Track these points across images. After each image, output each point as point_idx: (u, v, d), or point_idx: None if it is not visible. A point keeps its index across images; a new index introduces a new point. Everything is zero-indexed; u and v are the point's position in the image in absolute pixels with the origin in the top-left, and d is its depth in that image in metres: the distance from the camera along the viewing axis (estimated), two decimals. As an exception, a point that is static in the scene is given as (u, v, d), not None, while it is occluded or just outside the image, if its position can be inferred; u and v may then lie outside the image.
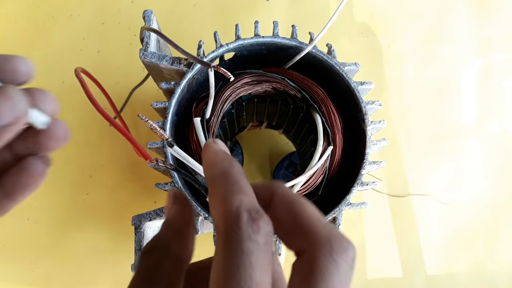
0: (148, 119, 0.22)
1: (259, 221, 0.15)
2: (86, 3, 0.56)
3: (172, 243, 0.18)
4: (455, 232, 0.54)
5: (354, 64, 0.35)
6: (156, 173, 0.42)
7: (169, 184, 0.32)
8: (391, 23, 0.58)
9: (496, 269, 0.53)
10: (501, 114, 0.57)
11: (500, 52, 0.59)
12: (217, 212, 0.16)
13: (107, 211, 0.51)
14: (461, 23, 0.59)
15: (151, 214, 0.33)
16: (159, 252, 0.18)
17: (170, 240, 0.18)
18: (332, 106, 0.34)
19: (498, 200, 0.55)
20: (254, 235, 0.15)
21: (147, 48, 0.33)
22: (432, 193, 0.54)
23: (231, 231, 0.15)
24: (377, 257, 0.53)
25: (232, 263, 0.14)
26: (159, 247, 0.18)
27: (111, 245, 0.51)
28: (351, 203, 0.33)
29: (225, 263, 0.14)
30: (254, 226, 0.15)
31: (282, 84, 0.35)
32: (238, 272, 0.14)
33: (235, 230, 0.15)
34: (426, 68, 0.58)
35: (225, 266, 0.14)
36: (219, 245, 0.15)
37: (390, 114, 0.56)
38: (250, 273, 0.14)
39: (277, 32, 0.35)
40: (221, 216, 0.16)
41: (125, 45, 0.55)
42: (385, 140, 0.34)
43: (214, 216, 0.17)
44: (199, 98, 0.35)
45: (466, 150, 0.56)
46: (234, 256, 0.14)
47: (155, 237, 0.19)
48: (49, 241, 0.50)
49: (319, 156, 0.33)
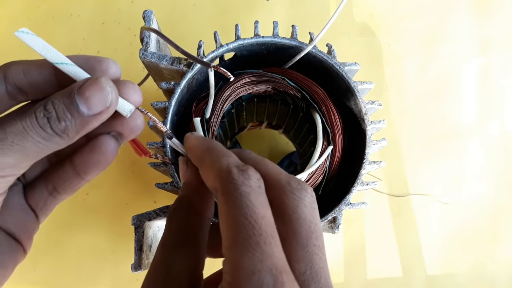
0: (148, 112, 0.22)
1: (248, 170, 0.18)
2: (86, 3, 0.56)
3: (194, 201, 0.20)
4: (455, 232, 0.54)
5: (354, 64, 0.35)
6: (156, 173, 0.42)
7: (169, 184, 0.32)
8: (391, 23, 0.58)
9: (496, 269, 0.53)
10: (501, 114, 0.57)
11: (500, 51, 0.59)
12: (211, 178, 0.19)
13: (107, 211, 0.51)
14: (461, 23, 0.59)
15: (151, 214, 0.33)
16: (184, 210, 0.20)
17: (192, 199, 0.21)
18: (332, 106, 0.34)
19: (498, 200, 0.55)
20: (247, 181, 0.17)
21: (147, 48, 0.33)
22: (432, 193, 0.54)
23: (226, 183, 0.17)
24: (377, 257, 0.53)
25: (235, 206, 0.17)
26: (183, 206, 0.20)
27: (111, 245, 0.51)
28: (351, 203, 0.33)
29: (230, 209, 0.17)
30: (245, 174, 0.18)
31: (282, 84, 0.35)
32: (243, 210, 0.16)
33: (230, 181, 0.17)
34: (426, 68, 0.58)
35: (230, 211, 0.17)
36: (221, 201, 0.17)
37: (390, 114, 0.56)
38: (253, 209, 0.17)
39: (277, 32, 0.35)
40: (215, 177, 0.18)
41: (125, 45, 0.55)
42: (385, 140, 0.34)
43: (210, 184, 0.19)
44: (199, 98, 0.35)
45: (466, 150, 0.56)
46: (235, 200, 0.17)
47: (177, 199, 0.21)
48: (49, 241, 0.50)
49: (318, 155, 0.33)
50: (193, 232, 0.20)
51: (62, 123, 0.19)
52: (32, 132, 0.19)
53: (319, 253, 0.18)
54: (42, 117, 0.19)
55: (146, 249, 0.33)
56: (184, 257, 0.19)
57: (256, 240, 0.16)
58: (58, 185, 0.23)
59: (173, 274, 0.18)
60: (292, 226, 0.18)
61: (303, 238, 0.18)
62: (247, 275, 0.15)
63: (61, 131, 0.19)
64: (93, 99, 0.19)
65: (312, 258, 0.18)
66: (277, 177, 0.19)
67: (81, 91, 0.19)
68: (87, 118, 0.19)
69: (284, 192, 0.19)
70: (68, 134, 0.19)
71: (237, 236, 0.16)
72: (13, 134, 0.18)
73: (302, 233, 0.18)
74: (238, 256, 0.16)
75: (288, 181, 0.19)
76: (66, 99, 0.19)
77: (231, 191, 0.17)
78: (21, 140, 0.18)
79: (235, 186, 0.17)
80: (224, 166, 0.18)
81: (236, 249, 0.16)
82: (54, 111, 0.19)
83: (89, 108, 0.19)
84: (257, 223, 0.16)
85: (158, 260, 0.19)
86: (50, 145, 0.19)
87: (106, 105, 0.20)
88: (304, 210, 0.18)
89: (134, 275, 0.49)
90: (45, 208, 0.24)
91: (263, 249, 0.16)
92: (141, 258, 0.32)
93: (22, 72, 0.21)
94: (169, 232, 0.20)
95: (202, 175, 0.20)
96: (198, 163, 0.21)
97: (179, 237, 0.19)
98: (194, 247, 0.19)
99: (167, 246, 0.19)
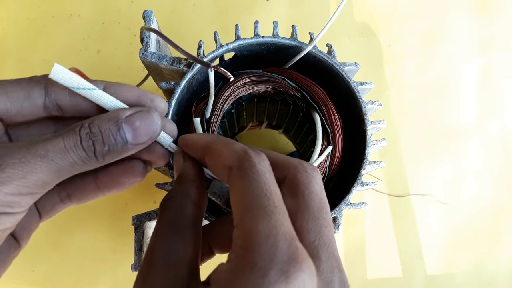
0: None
1: (261, 154, 0.19)
2: (86, 3, 0.56)
3: (191, 192, 0.21)
4: (455, 232, 0.54)
5: (354, 64, 0.35)
6: (156, 173, 0.42)
7: (169, 184, 0.32)
8: (391, 23, 0.58)
9: (496, 269, 0.53)
10: (501, 114, 0.57)
11: (500, 51, 0.59)
12: (223, 159, 0.19)
13: (107, 211, 0.51)
14: (461, 23, 0.59)
15: (151, 214, 0.33)
16: (180, 198, 0.21)
17: (189, 188, 0.21)
18: (332, 106, 0.34)
19: (498, 200, 0.55)
20: (263, 161, 0.19)
21: (147, 48, 0.33)
22: (432, 193, 0.54)
23: (244, 161, 0.18)
24: (377, 257, 0.53)
25: (253, 180, 0.18)
26: (180, 195, 0.21)
27: (111, 245, 0.51)
28: (351, 203, 0.33)
29: (246, 183, 0.18)
30: (260, 156, 0.19)
31: (282, 84, 0.35)
32: (260, 184, 0.17)
33: (247, 159, 0.18)
34: (426, 68, 0.58)
35: (246, 185, 0.18)
36: (237, 176, 0.18)
37: (390, 114, 0.56)
38: (269, 184, 0.18)
39: (277, 32, 0.35)
40: (230, 157, 0.19)
41: (125, 45, 0.55)
42: (385, 140, 0.34)
43: (222, 164, 0.20)
44: (199, 98, 0.35)
45: (466, 150, 0.56)
46: (251, 175, 0.18)
47: (172, 189, 0.22)
48: (49, 241, 0.50)
49: (317, 154, 0.33)
50: (190, 221, 0.20)
51: (106, 147, 0.19)
52: (74, 152, 0.19)
53: (328, 226, 0.19)
54: (87, 139, 0.19)
55: (146, 249, 0.33)
56: (183, 244, 0.19)
57: (271, 210, 0.17)
58: (73, 194, 0.24)
59: (172, 261, 0.18)
60: (304, 200, 0.19)
61: (314, 211, 0.19)
62: (263, 238, 0.16)
63: (102, 155, 0.20)
64: (141, 130, 0.20)
65: (321, 229, 0.18)
66: (287, 160, 0.20)
67: (132, 120, 0.20)
68: (129, 147, 0.20)
69: (298, 170, 0.20)
70: (105, 158, 0.20)
71: (252, 204, 0.17)
72: (54, 152, 0.18)
73: (314, 207, 0.19)
74: (253, 221, 0.16)
75: (299, 161, 0.20)
76: (112, 125, 0.20)
77: (248, 168, 0.18)
78: (60, 159, 0.19)
79: (253, 163, 0.18)
80: (239, 148, 0.19)
81: (251, 215, 0.16)
82: (100, 135, 0.19)
83: (134, 138, 0.20)
84: (272, 196, 0.17)
85: (155, 247, 0.19)
86: (84, 166, 0.20)
87: (151, 137, 0.21)
88: (315, 187, 0.19)
89: (134, 275, 0.49)
90: (52, 212, 0.24)
91: (277, 218, 0.16)
92: (141, 258, 0.32)
93: (68, 93, 0.21)
94: (164, 220, 0.20)
95: (211, 158, 0.21)
96: (204, 151, 0.21)
97: (177, 226, 0.20)
98: (191, 236, 0.20)
99: (165, 233, 0.19)
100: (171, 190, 0.22)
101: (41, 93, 0.21)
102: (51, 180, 0.19)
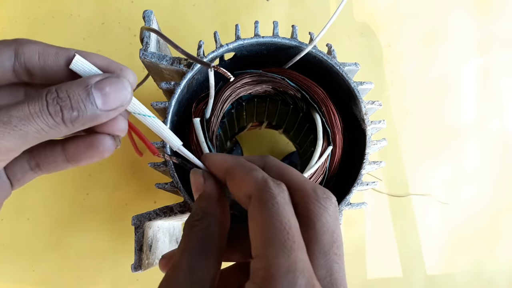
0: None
1: (281, 184, 0.20)
2: (86, 3, 0.56)
3: (216, 212, 0.22)
4: (455, 232, 0.54)
5: (354, 64, 0.35)
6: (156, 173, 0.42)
7: (169, 184, 0.32)
8: (391, 23, 0.58)
9: (496, 269, 0.53)
10: (501, 114, 0.57)
11: (500, 51, 0.59)
12: (244, 188, 0.20)
13: (107, 211, 0.51)
14: (461, 22, 0.59)
15: (151, 214, 0.33)
16: (208, 220, 0.21)
17: (214, 209, 0.22)
18: (332, 106, 0.34)
19: (498, 200, 0.55)
20: (282, 193, 0.19)
21: (147, 48, 0.33)
22: (432, 193, 0.54)
23: (264, 192, 0.19)
24: (377, 257, 0.53)
25: (272, 212, 0.18)
26: (207, 216, 0.21)
27: (111, 245, 0.51)
28: (351, 203, 0.33)
29: (266, 215, 0.18)
30: (279, 188, 0.19)
31: (282, 84, 0.35)
32: (280, 218, 0.18)
33: (267, 190, 0.19)
34: (426, 68, 0.58)
35: (266, 216, 0.18)
36: (256, 206, 0.19)
37: (390, 114, 0.56)
38: (288, 218, 0.18)
39: (277, 32, 0.35)
40: (250, 186, 0.20)
41: (125, 45, 0.55)
42: (385, 140, 0.34)
43: (243, 192, 0.20)
44: (199, 98, 0.35)
45: (466, 150, 0.56)
46: (271, 207, 0.18)
47: (198, 209, 0.22)
48: (49, 241, 0.51)
49: (318, 155, 0.33)
50: (215, 241, 0.21)
51: (75, 113, 0.19)
52: (39, 118, 0.18)
53: (339, 262, 0.19)
54: (54, 104, 0.18)
55: (146, 249, 0.33)
56: (207, 265, 0.20)
57: (290, 245, 0.17)
58: (42, 164, 0.23)
59: (196, 280, 0.19)
60: (315, 233, 0.19)
61: (325, 246, 0.19)
62: (283, 273, 0.16)
63: (70, 121, 0.19)
64: (112, 96, 0.20)
65: (332, 266, 0.19)
66: (302, 185, 0.21)
67: (101, 86, 0.19)
68: (99, 113, 0.19)
69: (310, 199, 0.20)
70: (74, 124, 0.19)
71: (273, 238, 0.17)
72: (17, 118, 0.18)
73: (324, 241, 0.19)
74: (274, 255, 0.17)
75: (313, 188, 0.20)
76: (81, 90, 0.19)
77: (268, 199, 0.18)
78: (24, 125, 0.18)
79: (272, 195, 0.19)
80: (259, 177, 0.20)
81: (272, 249, 0.17)
82: (68, 100, 0.19)
83: (104, 104, 0.19)
84: (291, 230, 0.18)
85: (180, 265, 0.20)
86: (52, 133, 0.19)
87: (122, 104, 0.20)
88: (328, 219, 0.19)
89: (134, 275, 0.49)
90: (22, 180, 0.23)
91: (296, 254, 0.17)
92: (141, 258, 0.32)
93: (37, 55, 0.21)
94: (192, 239, 0.21)
95: (233, 184, 0.21)
96: (227, 175, 0.22)
97: (203, 245, 0.20)
98: (216, 255, 0.20)
99: (192, 252, 0.20)
100: (198, 210, 0.22)
101: (10, 55, 0.20)
102: (15, 147, 0.18)
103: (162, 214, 0.33)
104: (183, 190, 0.31)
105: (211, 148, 0.31)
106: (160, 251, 0.38)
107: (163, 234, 0.40)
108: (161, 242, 0.38)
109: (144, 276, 0.50)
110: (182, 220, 0.44)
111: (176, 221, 0.45)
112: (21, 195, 0.51)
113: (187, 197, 0.31)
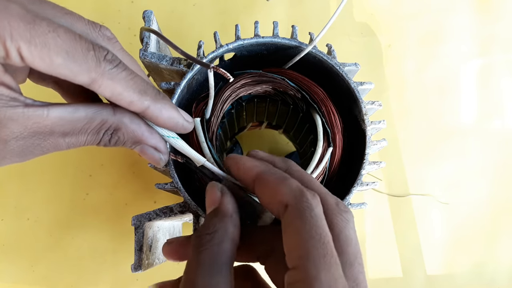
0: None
1: (316, 195, 0.20)
2: (86, 3, 0.56)
3: (230, 228, 0.22)
4: (455, 232, 0.54)
5: (354, 64, 0.35)
6: (156, 173, 0.43)
7: (169, 184, 0.32)
8: (391, 23, 0.58)
9: (496, 269, 0.53)
10: (501, 114, 0.57)
11: (500, 51, 0.59)
12: (278, 196, 0.20)
13: (107, 211, 0.51)
14: (461, 22, 0.59)
15: (151, 214, 0.33)
16: (220, 236, 0.21)
17: (228, 225, 0.22)
18: (332, 106, 0.34)
19: (498, 200, 0.55)
20: (319, 205, 0.20)
21: (147, 48, 0.33)
22: (432, 193, 0.54)
23: (302, 202, 0.19)
24: (377, 257, 0.53)
25: (312, 225, 0.18)
26: (220, 231, 0.21)
27: (111, 245, 0.51)
28: (351, 203, 0.33)
29: (305, 227, 0.18)
30: (316, 199, 0.20)
31: (282, 85, 0.35)
32: (319, 231, 0.18)
33: (305, 201, 0.19)
34: (426, 67, 0.58)
35: (306, 229, 0.18)
36: (293, 216, 0.19)
37: (390, 114, 0.56)
38: (326, 232, 0.18)
39: (277, 32, 0.35)
40: (285, 195, 0.20)
41: (125, 45, 0.55)
42: (385, 140, 0.34)
43: (273, 199, 0.20)
44: (199, 99, 0.35)
45: (466, 150, 0.56)
46: (310, 219, 0.18)
47: (211, 222, 0.22)
48: (49, 241, 0.51)
49: (319, 156, 0.33)
50: (228, 258, 0.20)
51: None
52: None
53: (362, 271, 0.20)
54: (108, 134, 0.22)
55: (146, 249, 0.33)
56: (221, 281, 0.20)
57: (329, 260, 0.18)
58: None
59: None
60: (340, 245, 0.20)
61: (350, 257, 0.20)
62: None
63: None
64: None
65: (358, 276, 0.19)
66: (325, 197, 0.21)
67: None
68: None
69: (334, 213, 0.21)
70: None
71: (313, 251, 0.18)
72: None
73: (349, 253, 0.20)
74: (315, 269, 0.17)
75: (336, 202, 0.21)
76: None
77: (306, 210, 0.19)
78: None
79: (311, 206, 0.19)
80: (294, 187, 0.20)
81: (313, 262, 0.17)
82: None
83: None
84: (330, 244, 0.18)
85: (196, 283, 0.20)
86: None
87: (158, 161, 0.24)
88: (350, 231, 0.20)
89: (134, 275, 0.49)
90: (40, 81, 0.24)
91: (335, 269, 0.18)
92: (141, 259, 0.32)
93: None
94: (204, 255, 0.20)
95: (264, 191, 0.21)
96: (257, 181, 0.22)
97: (217, 263, 0.20)
98: (229, 272, 0.20)
99: (206, 269, 0.20)
100: (209, 224, 0.22)
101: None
102: None
103: (162, 214, 0.33)
104: (183, 190, 0.31)
105: (211, 148, 0.31)
106: (160, 251, 0.38)
107: (163, 234, 0.40)
108: (161, 242, 0.38)
109: (144, 276, 0.50)
110: (182, 220, 0.44)
111: (176, 221, 0.45)
112: (21, 195, 0.51)
113: (187, 197, 0.31)
